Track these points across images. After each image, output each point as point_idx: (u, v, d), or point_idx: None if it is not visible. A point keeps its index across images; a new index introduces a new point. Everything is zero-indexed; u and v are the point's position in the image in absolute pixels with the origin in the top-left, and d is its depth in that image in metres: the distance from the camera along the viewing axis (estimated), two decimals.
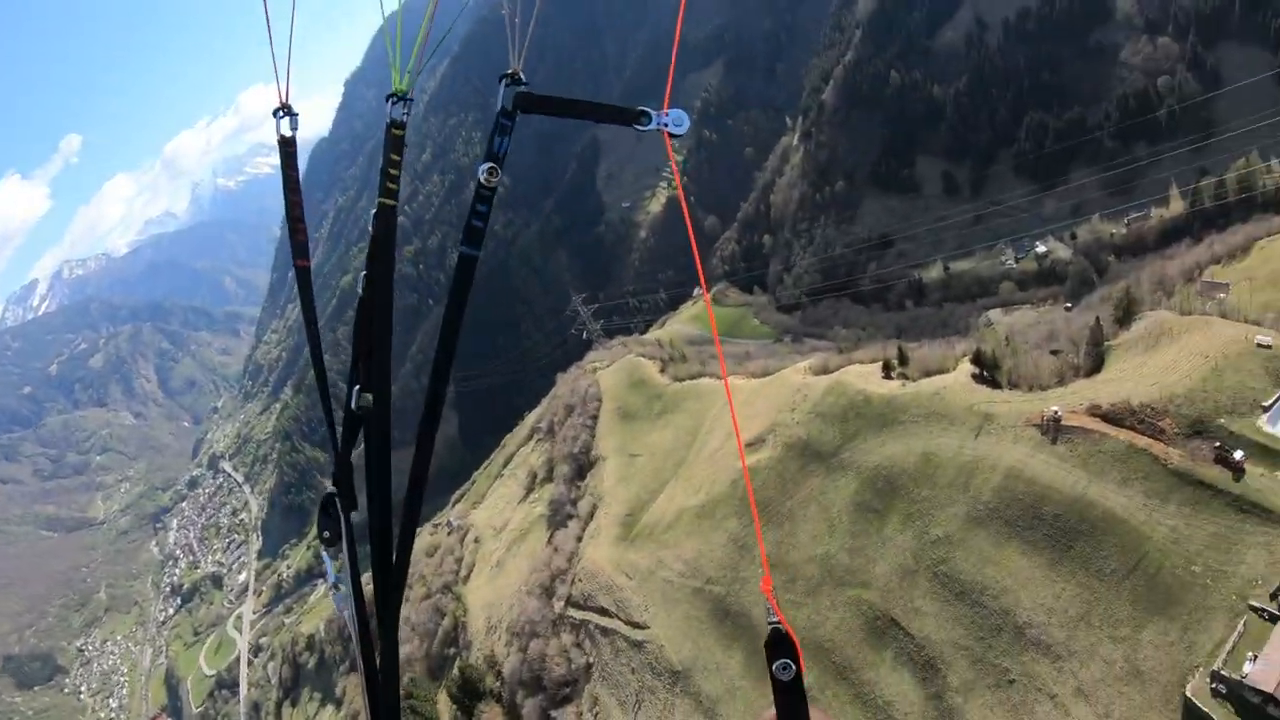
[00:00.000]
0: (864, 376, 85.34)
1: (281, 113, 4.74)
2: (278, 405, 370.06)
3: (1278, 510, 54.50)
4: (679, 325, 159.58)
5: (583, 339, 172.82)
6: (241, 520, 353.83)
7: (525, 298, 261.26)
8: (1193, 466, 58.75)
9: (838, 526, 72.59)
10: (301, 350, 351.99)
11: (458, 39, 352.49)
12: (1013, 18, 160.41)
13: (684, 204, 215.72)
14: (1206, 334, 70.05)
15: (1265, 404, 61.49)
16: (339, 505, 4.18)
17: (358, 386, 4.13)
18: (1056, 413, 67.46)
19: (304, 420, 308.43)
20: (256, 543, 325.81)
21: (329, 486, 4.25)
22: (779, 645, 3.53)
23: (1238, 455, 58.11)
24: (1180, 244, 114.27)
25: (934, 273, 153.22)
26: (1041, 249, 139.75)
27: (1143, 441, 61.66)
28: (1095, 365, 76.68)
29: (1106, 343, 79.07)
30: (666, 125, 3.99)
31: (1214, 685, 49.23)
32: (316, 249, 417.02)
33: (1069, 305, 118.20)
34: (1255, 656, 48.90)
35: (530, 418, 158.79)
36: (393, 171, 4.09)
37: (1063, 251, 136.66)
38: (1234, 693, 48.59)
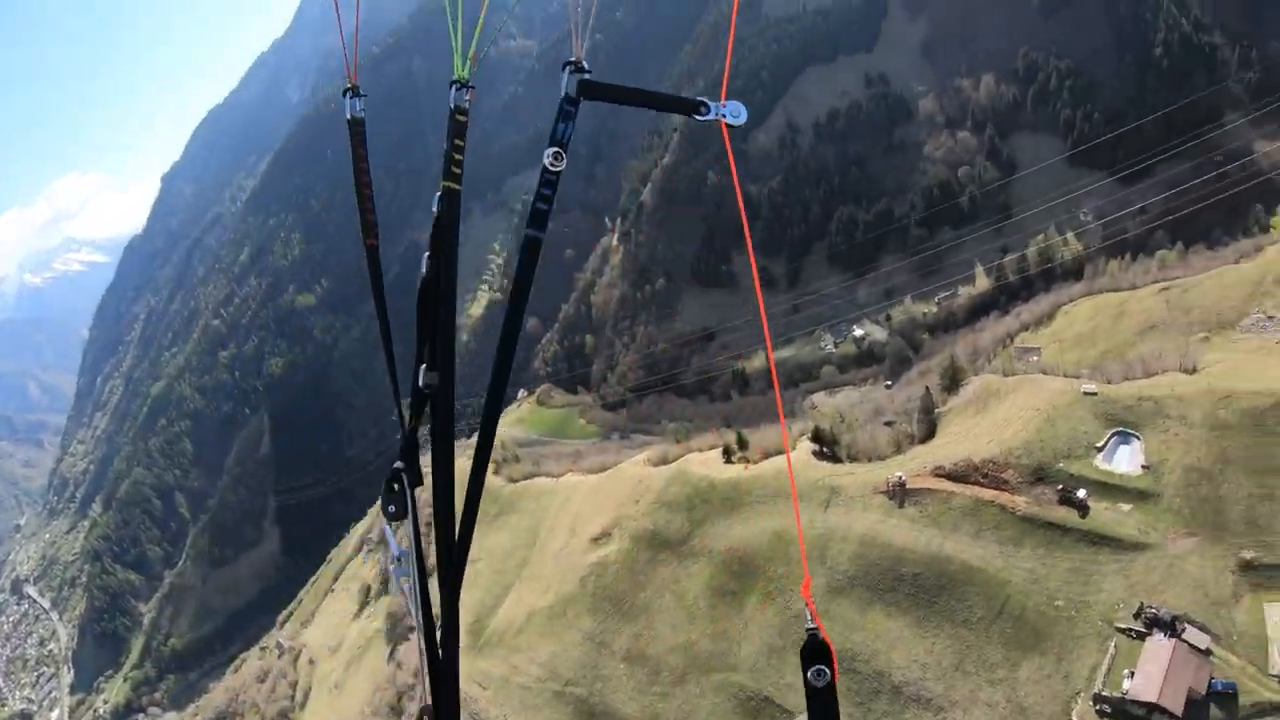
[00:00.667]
0: (705, 463, 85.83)
1: (350, 94, 5.06)
2: (86, 523, 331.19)
3: (1125, 538, 57.31)
4: (506, 428, 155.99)
5: None
6: (50, 651, 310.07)
7: (348, 402, 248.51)
8: (1040, 511, 61.67)
9: (697, 613, 70.36)
10: (111, 462, 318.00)
11: (281, 135, 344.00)
12: (823, 119, 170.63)
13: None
14: (1034, 389, 74.49)
15: (1098, 445, 65.56)
16: (405, 481, 4.33)
17: (424, 365, 4.22)
18: (901, 478, 69.20)
19: (115, 539, 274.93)
20: (68, 676, 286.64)
21: (396, 463, 4.38)
22: (815, 652, 3.72)
23: (1080, 494, 61.54)
24: (989, 317, 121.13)
25: (757, 362, 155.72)
26: (859, 332, 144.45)
27: (989, 494, 64.28)
28: (930, 431, 79.52)
29: (938, 410, 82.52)
30: (724, 115, 4.29)
31: (1098, 707, 50.73)
32: (126, 354, 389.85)
33: (889, 383, 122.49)
34: (1132, 673, 50.55)
35: (358, 529, 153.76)
36: (456, 156, 4.22)
37: (879, 333, 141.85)
38: (1119, 710, 50.15)
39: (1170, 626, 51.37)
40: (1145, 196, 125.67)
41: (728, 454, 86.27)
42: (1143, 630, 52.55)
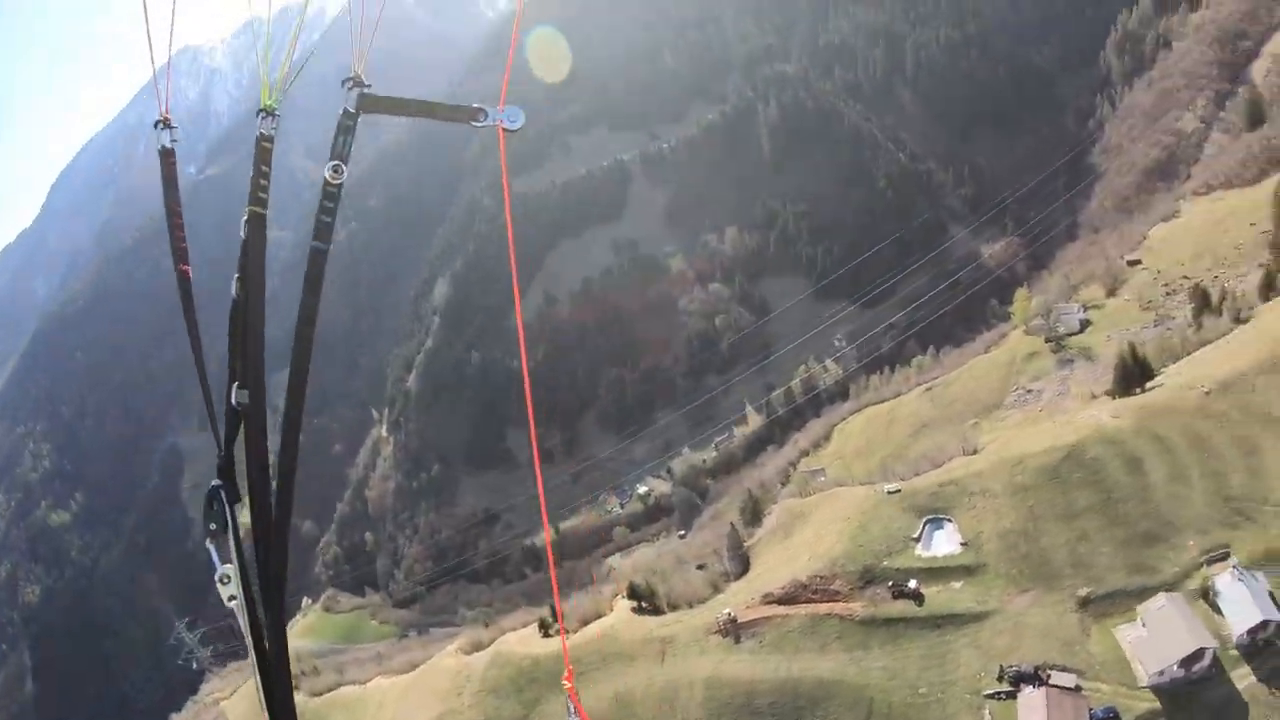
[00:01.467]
0: (524, 641, 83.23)
1: (160, 125, 5.10)
2: None
3: (966, 612, 58.91)
4: (296, 640, 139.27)
5: (193, 669, 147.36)
6: None
7: (116, 631, 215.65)
8: (878, 610, 62.64)
9: None
10: None
11: (28, 333, 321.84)
12: (577, 288, 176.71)
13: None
14: (838, 502, 77.03)
15: (914, 536, 67.95)
16: (224, 497, 4.37)
17: (236, 384, 4.29)
18: (731, 614, 69.04)
19: None
20: None
21: (214, 481, 4.43)
22: None
23: (912, 584, 63.16)
24: (768, 451, 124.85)
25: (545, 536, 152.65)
26: (643, 489, 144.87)
27: (824, 608, 64.79)
28: (744, 566, 79.76)
29: (746, 543, 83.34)
30: (502, 120, 4.46)
31: None
32: None
33: (682, 533, 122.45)
34: None
35: None
36: (262, 182, 4.31)
37: (663, 487, 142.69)
38: None
39: (1035, 677, 52.90)
40: (892, 313, 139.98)
41: (544, 628, 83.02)
42: (1010, 689, 53.69)
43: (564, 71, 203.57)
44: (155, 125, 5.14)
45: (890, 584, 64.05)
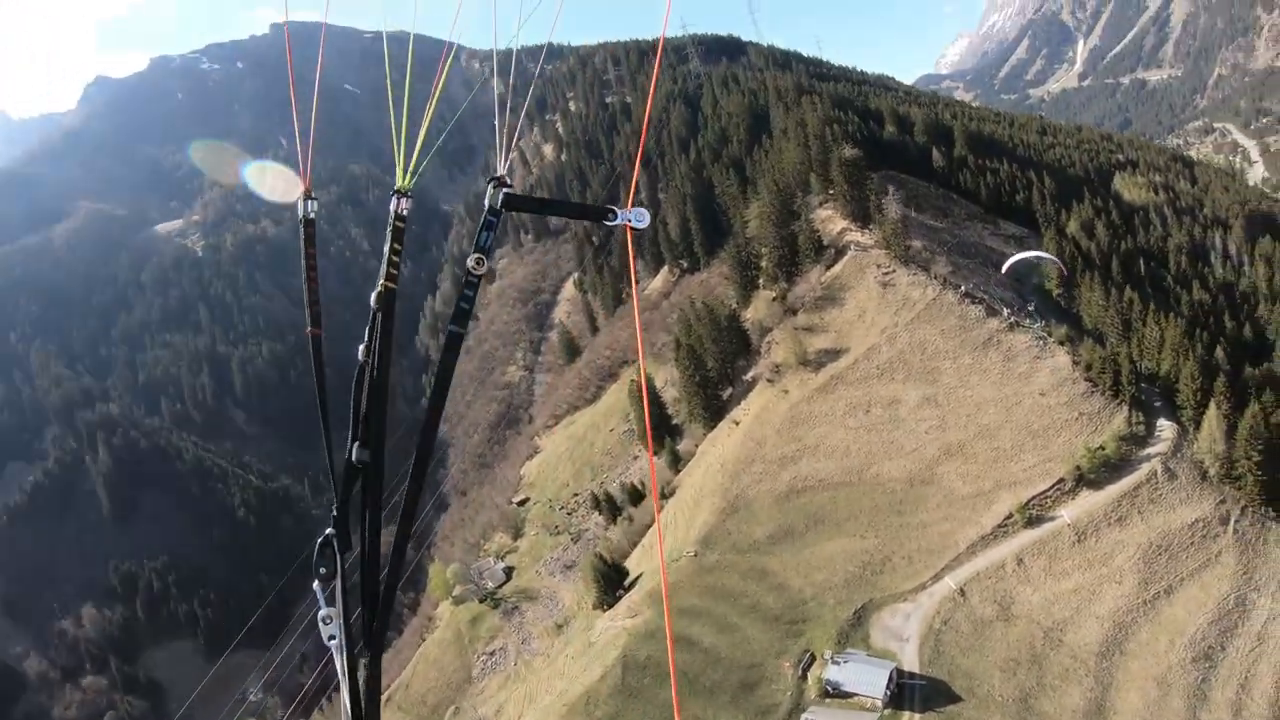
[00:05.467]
0: None
1: (305, 197, 5.38)
2: None
3: None
4: None
5: None
6: None
7: None
8: None
9: None
10: None
11: None
12: None
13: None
14: None
15: None
16: (335, 546, 4.92)
17: (357, 443, 4.94)
18: None
19: None
20: None
21: (328, 530, 5.00)
22: None
23: None
24: None
25: None
26: None
27: None
28: None
29: None
30: (630, 220, 5.10)
31: None
32: None
33: None
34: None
35: None
36: (394, 259, 4.92)
37: None
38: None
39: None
40: (302, 643, 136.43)
41: None
42: None
43: None
44: (297, 198, 5.49)
45: None
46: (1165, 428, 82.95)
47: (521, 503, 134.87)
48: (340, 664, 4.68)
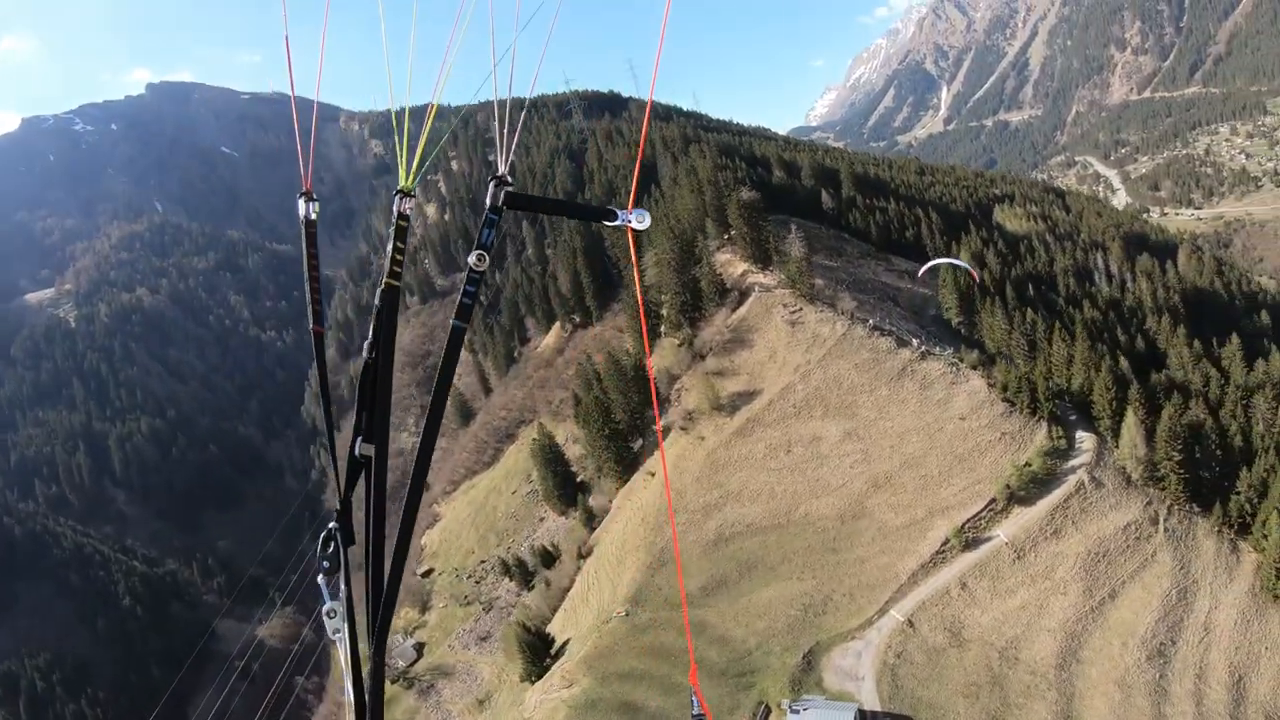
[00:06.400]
0: None
1: (305, 198, 5.49)
2: None
3: None
4: None
5: None
6: None
7: None
8: None
9: None
10: None
11: None
12: None
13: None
14: None
15: None
16: (339, 539, 5.03)
17: (360, 438, 5.00)
18: None
19: None
20: None
21: (331, 524, 5.11)
22: None
23: None
24: None
25: None
26: None
27: None
28: None
29: None
30: (630, 221, 5.19)
31: None
32: None
33: None
34: None
35: None
36: (398, 257, 5.04)
37: None
38: None
39: None
40: None
41: None
42: None
43: None
44: (298, 196, 5.58)
45: None
46: (1084, 439, 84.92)
47: (426, 574, 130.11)
48: (345, 657, 4.90)
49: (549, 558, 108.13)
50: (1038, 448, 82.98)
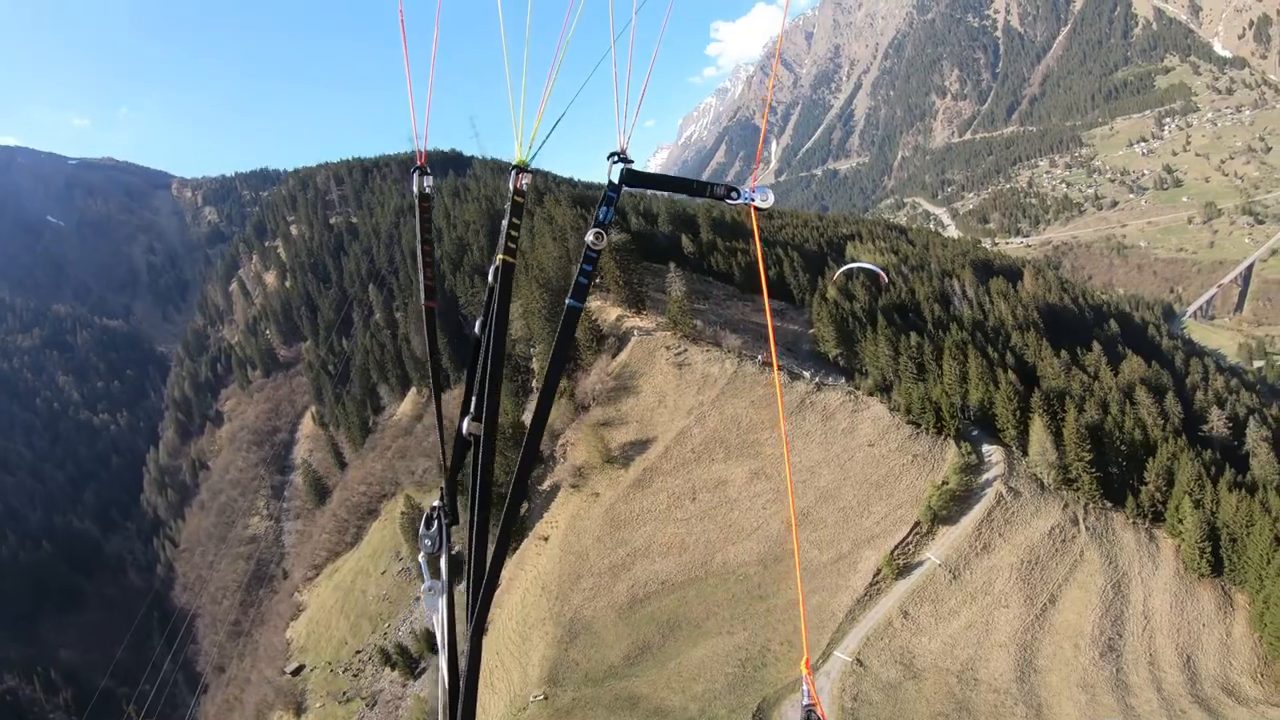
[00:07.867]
0: None
1: (419, 172, 5.61)
2: None
3: None
4: None
5: None
6: None
7: None
8: None
9: None
10: None
11: None
12: None
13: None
14: None
15: None
16: (441, 519, 5.11)
17: (469, 416, 4.96)
18: None
19: None
20: None
21: (435, 502, 5.16)
22: None
23: None
24: None
25: None
26: None
27: None
28: None
29: None
30: (753, 200, 5.08)
31: None
32: None
33: None
34: None
35: None
36: (513, 233, 4.98)
37: None
38: None
39: None
40: None
41: None
42: None
43: None
44: (411, 171, 5.66)
45: None
46: (992, 452, 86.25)
47: (296, 671, 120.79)
48: (440, 637, 4.88)
49: (433, 640, 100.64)
50: (951, 465, 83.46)
